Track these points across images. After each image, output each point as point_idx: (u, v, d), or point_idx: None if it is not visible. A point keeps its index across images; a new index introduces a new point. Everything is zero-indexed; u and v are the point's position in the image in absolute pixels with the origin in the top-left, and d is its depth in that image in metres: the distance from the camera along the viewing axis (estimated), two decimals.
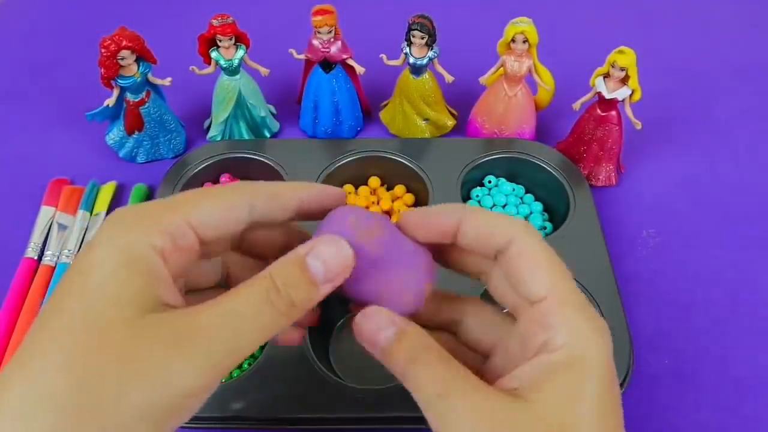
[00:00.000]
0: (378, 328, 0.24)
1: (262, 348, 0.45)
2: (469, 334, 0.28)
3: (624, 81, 0.52)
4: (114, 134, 0.58)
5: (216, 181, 0.56)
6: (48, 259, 0.51)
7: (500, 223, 0.25)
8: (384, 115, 0.62)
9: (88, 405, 0.19)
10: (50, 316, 0.21)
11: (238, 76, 0.57)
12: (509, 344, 0.25)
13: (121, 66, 0.53)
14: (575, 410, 0.21)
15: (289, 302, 0.23)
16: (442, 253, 0.28)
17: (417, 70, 0.57)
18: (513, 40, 0.53)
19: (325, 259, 0.23)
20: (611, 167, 0.57)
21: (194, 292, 0.28)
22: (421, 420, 0.24)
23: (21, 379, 0.19)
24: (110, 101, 0.55)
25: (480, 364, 0.27)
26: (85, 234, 0.53)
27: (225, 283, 0.29)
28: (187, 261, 0.24)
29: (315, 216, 0.27)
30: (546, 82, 0.56)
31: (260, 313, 0.22)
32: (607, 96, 0.53)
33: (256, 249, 0.29)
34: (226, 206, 0.24)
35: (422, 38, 0.54)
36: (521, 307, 0.25)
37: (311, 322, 0.29)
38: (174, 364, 0.20)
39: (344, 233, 0.25)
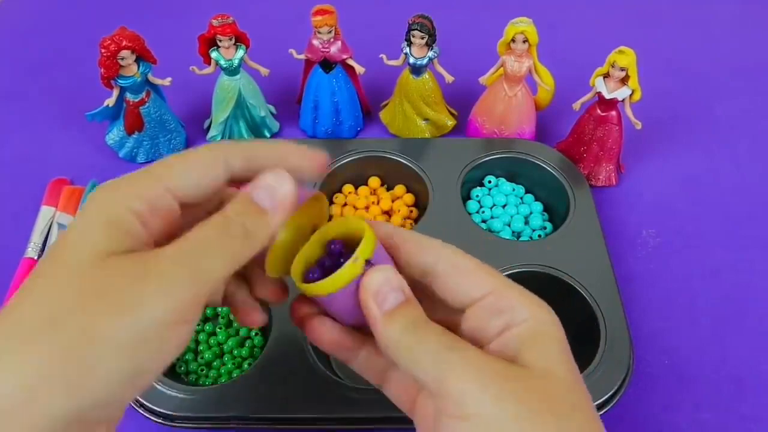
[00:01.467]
0: (390, 288, 0.25)
1: (262, 348, 0.45)
2: (445, 285, 0.27)
3: (624, 81, 0.52)
4: (114, 134, 0.58)
5: None
6: None
7: (422, 247, 0.27)
8: (384, 115, 0.62)
9: (62, 341, 0.20)
10: (35, 270, 0.23)
11: (238, 76, 0.57)
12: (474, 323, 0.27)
13: (121, 66, 0.53)
14: (555, 366, 0.24)
15: (243, 229, 0.24)
16: None
17: (417, 70, 0.57)
18: (513, 40, 0.53)
19: (267, 186, 0.25)
20: (611, 167, 0.57)
21: None
22: None
23: (3, 321, 0.21)
24: (110, 101, 0.55)
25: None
26: None
27: None
28: (169, 224, 0.24)
29: (293, 174, 0.27)
30: (546, 82, 0.56)
31: (218, 238, 0.23)
32: (607, 96, 0.53)
33: None
34: (200, 165, 0.25)
35: (422, 38, 0.54)
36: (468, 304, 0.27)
37: (263, 321, 0.30)
38: (142, 293, 0.21)
39: None
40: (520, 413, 0.22)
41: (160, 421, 0.40)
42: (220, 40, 0.54)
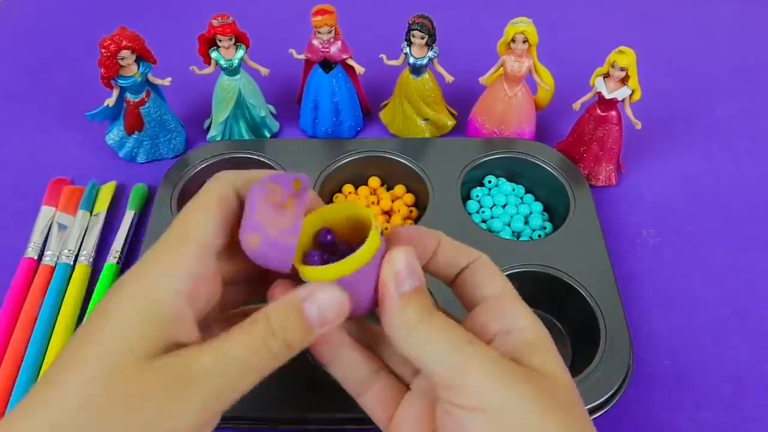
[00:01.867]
0: (410, 271, 0.25)
1: None
2: (466, 281, 0.29)
3: (624, 81, 0.52)
4: (114, 134, 0.58)
5: None
6: (48, 259, 0.51)
7: (466, 249, 0.29)
8: (384, 115, 0.62)
9: None
10: (70, 357, 0.22)
11: (238, 76, 0.57)
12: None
13: (121, 66, 0.53)
14: (557, 370, 0.26)
15: (284, 345, 0.24)
16: None
17: (417, 70, 0.57)
18: (513, 40, 0.53)
19: (321, 305, 0.24)
20: (611, 167, 0.57)
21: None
22: None
23: (41, 414, 0.21)
24: (110, 101, 0.55)
25: None
26: (85, 234, 0.53)
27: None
28: (215, 289, 0.25)
29: None
30: (546, 82, 0.56)
31: (256, 356, 0.24)
32: (607, 96, 0.53)
33: None
34: (218, 205, 0.26)
35: (422, 38, 0.54)
36: (474, 304, 0.28)
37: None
38: (172, 406, 0.22)
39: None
40: (535, 409, 0.23)
41: None
42: (220, 40, 0.54)
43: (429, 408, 0.27)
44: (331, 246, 0.26)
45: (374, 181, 0.56)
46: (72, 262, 0.51)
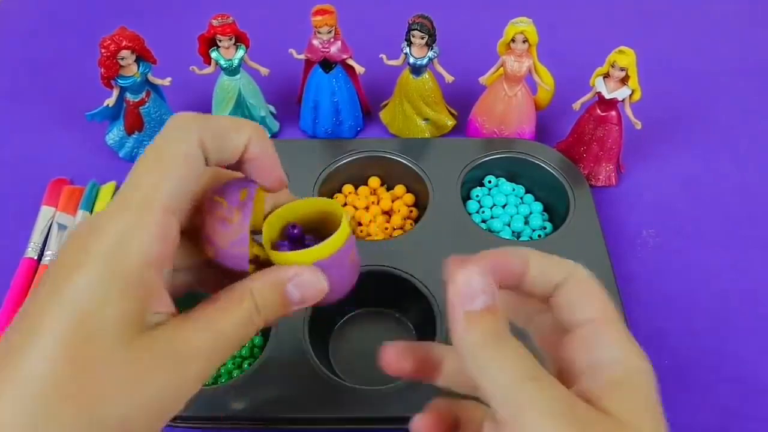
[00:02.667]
0: (480, 288, 0.23)
1: (262, 348, 0.45)
2: (565, 310, 0.25)
3: (624, 81, 0.52)
4: (114, 134, 0.58)
5: None
6: (48, 259, 0.51)
7: (559, 262, 0.26)
8: (384, 115, 0.62)
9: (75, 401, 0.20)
10: (39, 322, 0.21)
11: (238, 76, 0.57)
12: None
13: (121, 66, 0.53)
14: (638, 416, 0.22)
15: (263, 321, 0.25)
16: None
17: (417, 70, 0.57)
18: (513, 40, 0.53)
19: (304, 289, 0.25)
20: (611, 167, 0.57)
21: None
22: None
23: (10, 386, 0.20)
24: (110, 101, 0.55)
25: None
26: None
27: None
28: (174, 246, 0.24)
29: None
30: (546, 82, 0.56)
31: (243, 332, 0.24)
32: (607, 96, 0.53)
33: None
34: (183, 167, 0.23)
35: (422, 38, 0.54)
36: (569, 329, 0.25)
37: None
38: (169, 385, 0.22)
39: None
40: None
41: None
42: (220, 40, 0.54)
43: None
44: (297, 238, 0.28)
45: (374, 181, 0.56)
46: None
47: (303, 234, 0.28)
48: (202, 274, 0.28)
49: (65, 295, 0.21)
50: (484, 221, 0.54)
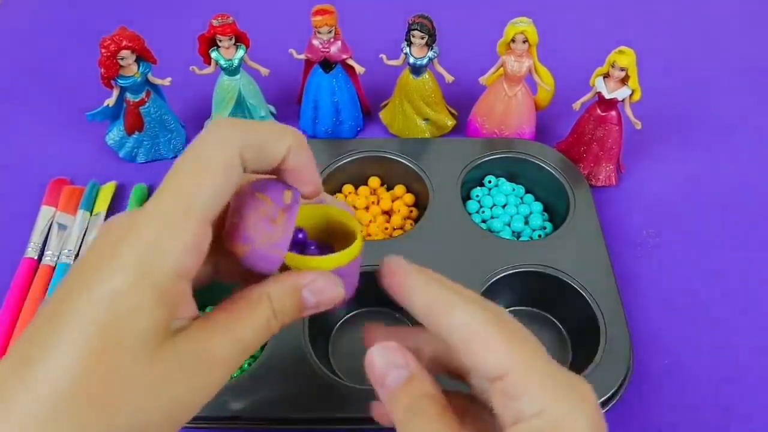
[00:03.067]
0: (391, 365, 0.25)
1: (262, 348, 0.45)
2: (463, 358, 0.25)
3: (624, 81, 0.52)
4: (114, 134, 0.58)
5: None
6: (48, 259, 0.51)
7: (444, 300, 0.25)
8: (384, 115, 0.62)
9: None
10: (65, 323, 0.21)
11: (238, 76, 0.57)
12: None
13: (121, 66, 0.53)
14: None
15: (281, 325, 0.25)
16: None
17: (417, 70, 0.57)
18: (513, 40, 0.53)
19: (321, 295, 0.26)
20: (611, 167, 0.57)
21: None
22: None
23: (33, 387, 0.20)
24: (110, 101, 0.55)
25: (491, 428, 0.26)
26: (85, 234, 0.53)
27: None
28: (205, 255, 0.23)
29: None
30: (546, 82, 0.56)
31: (261, 337, 0.25)
32: (607, 96, 0.53)
33: None
34: (220, 177, 0.23)
35: (422, 38, 0.54)
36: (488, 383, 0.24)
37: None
38: (192, 392, 0.22)
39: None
40: None
41: None
42: (220, 40, 0.54)
43: None
44: (301, 244, 0.27)
45: (374, 181, 0.56)
46: (72, 262, 0.51)
47: (307, 240, 0.27)
48: (220, 266, 0.28)
49: (95, 296, 0.21)
50: (484, 221, 0.54)
